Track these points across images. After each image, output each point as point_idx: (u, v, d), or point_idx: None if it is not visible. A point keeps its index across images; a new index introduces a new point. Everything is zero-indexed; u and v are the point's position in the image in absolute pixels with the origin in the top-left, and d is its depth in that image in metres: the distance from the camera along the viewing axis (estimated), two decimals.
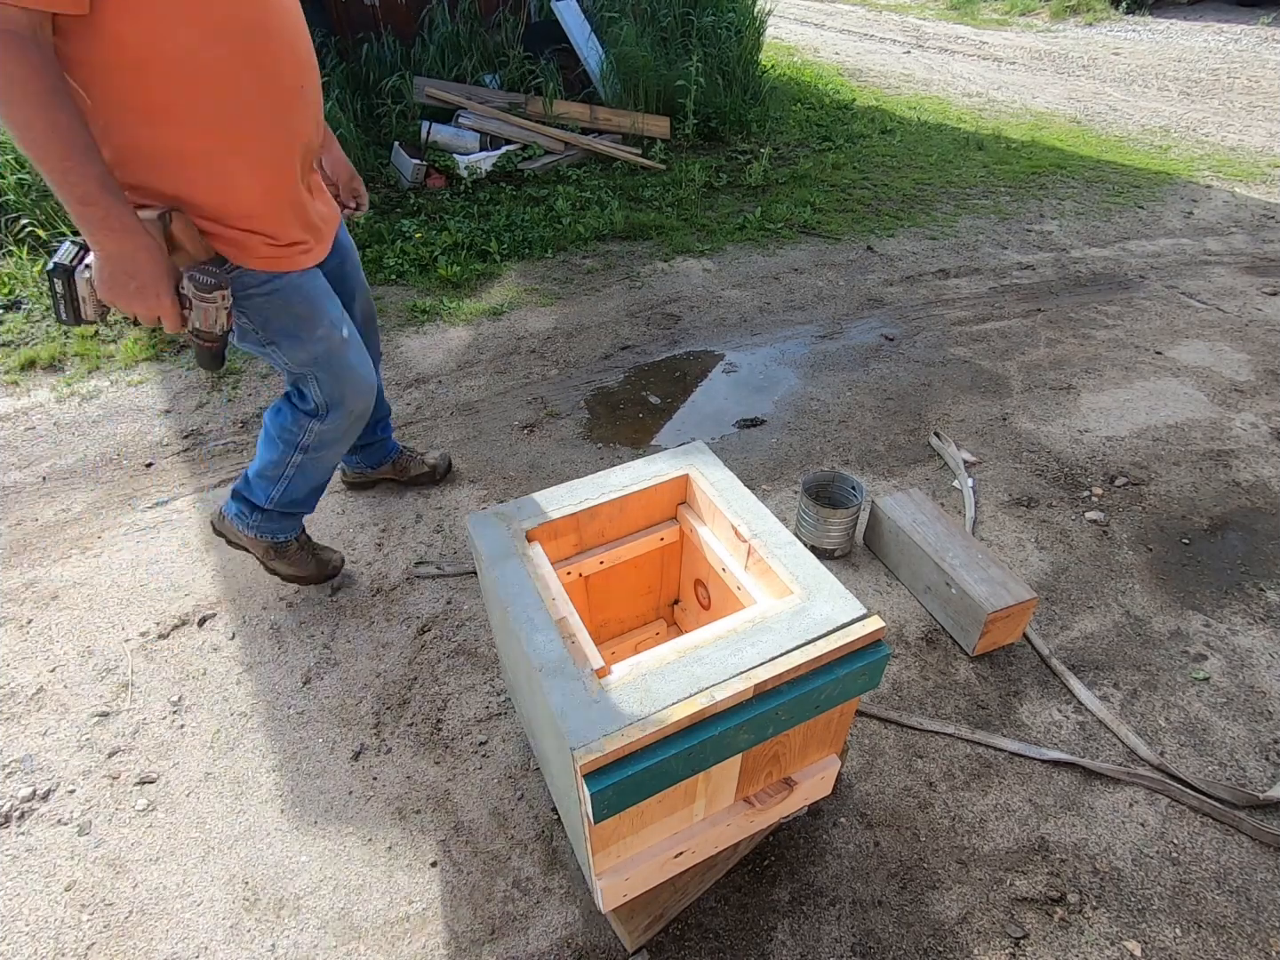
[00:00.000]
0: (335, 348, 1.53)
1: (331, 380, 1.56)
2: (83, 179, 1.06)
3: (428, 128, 4.34)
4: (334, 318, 1.52)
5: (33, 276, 3.22)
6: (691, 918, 1.36)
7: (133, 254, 1.13)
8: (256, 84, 1.22)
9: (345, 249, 1.68)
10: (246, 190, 1.27)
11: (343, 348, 1.55)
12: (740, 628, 1.07)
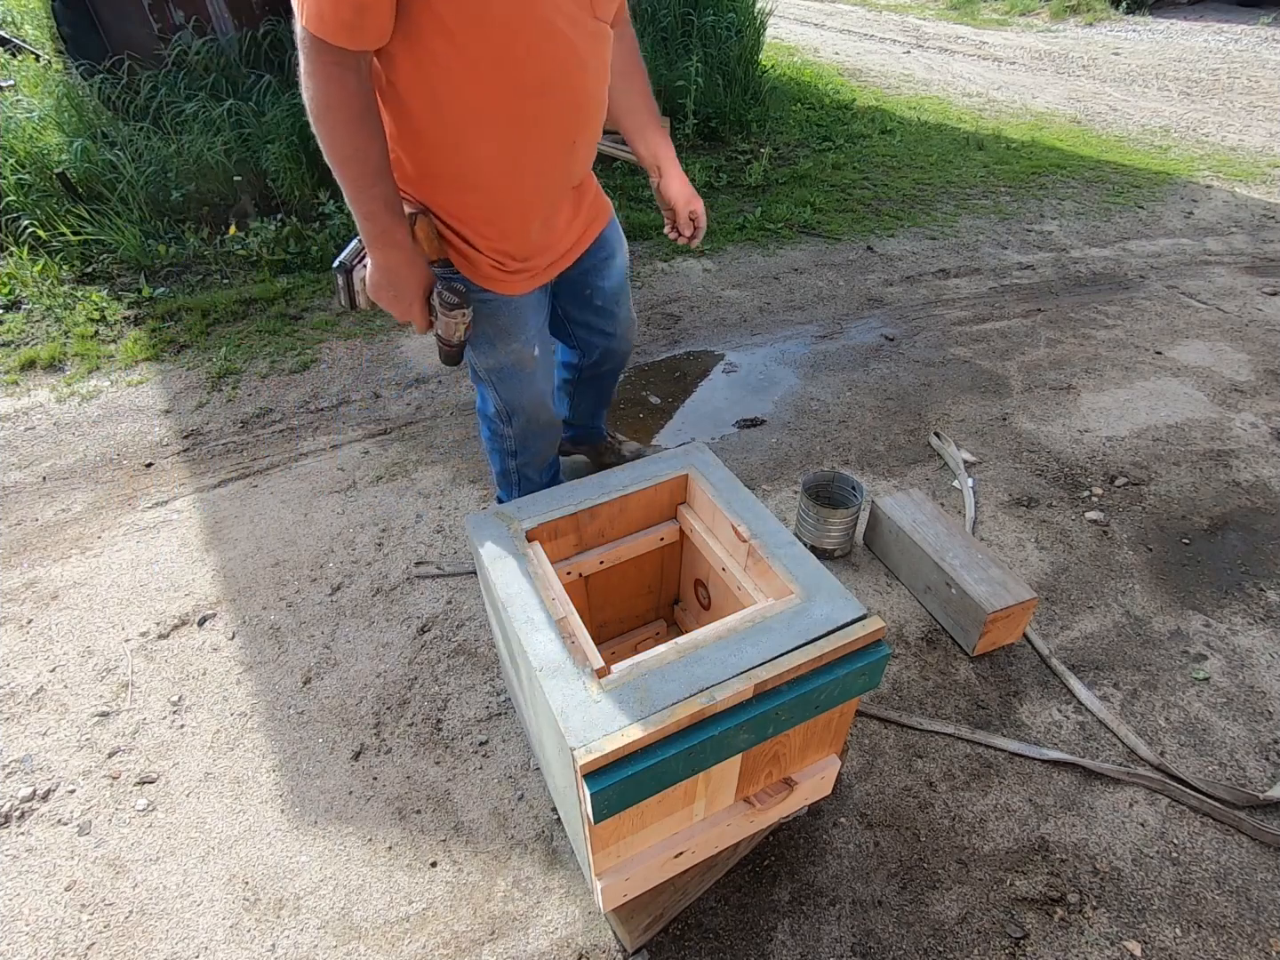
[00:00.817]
0: (523, 363, 1.57)
1: (509, 391, 1.63)
2: (371, 199, 1.18)
3: None
4: (530, 336, 1.54)
5: (33, 277, 3.23)
6: (691, 918, 1.36)
7: (397, 268, 1.27)
8: (537, 138, 1.27)
9: (614, 245, 1.67)
10: (499, 223, 1.35)
11: (530, 364, 1.58)
12: (740, 628, 1.07)
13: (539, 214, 1.39)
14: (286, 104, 3.96)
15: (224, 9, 4.40)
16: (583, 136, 1.35)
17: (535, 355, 1.57)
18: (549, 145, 1.29)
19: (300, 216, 3.69)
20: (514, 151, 1.26)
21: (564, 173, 1.38)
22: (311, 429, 2.58)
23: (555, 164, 1.33)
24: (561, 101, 1.25)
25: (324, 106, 1.09)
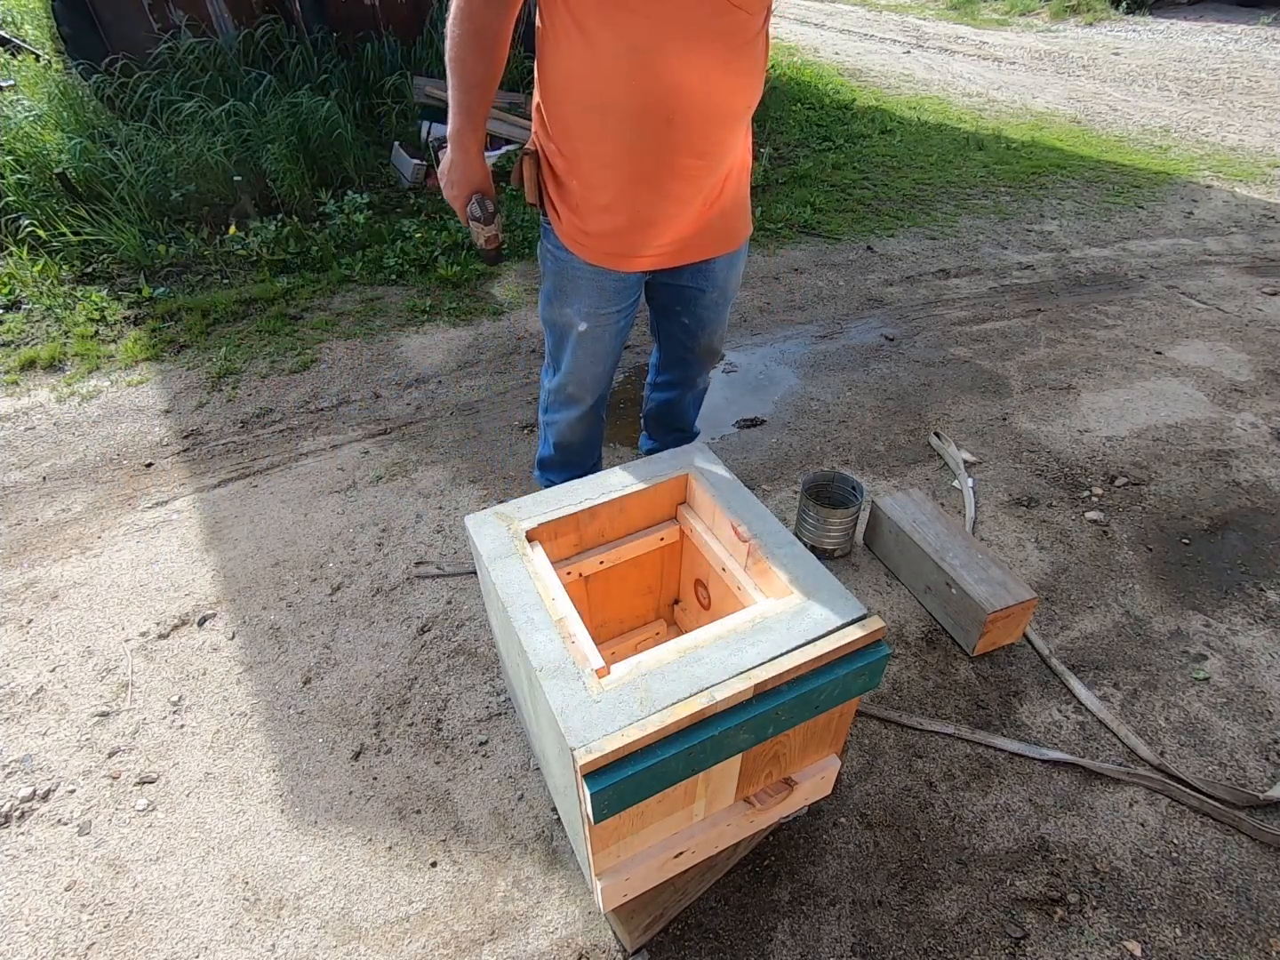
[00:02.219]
0: (568, 327, 1.62)
1: (553, 346, 1.71)
2: (456, 102, 1.34)
3: (428, 128, 4.33)
4: (580, 307, 1.58)
5: (33, 277, 3.23)
6: (691, 918, 1.36)
7: (456, 165, 1.42)
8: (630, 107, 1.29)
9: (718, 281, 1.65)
10: (593, 192, 1.41)
11: (573, 332, 1.63)
12: (740, 628, 1.07)
13: (624, 211, 1.41)
14: (286, 104, 3.96)
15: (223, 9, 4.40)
16: (681, 156, 1.34)
17: (582, 329, 1.60)
18: (643, 122, 1.30)
19: (300, 216, 3.69)
20: (607, 149, 1.33)
21: (662, 153, 1.35)
22: (311, 429, 2.58)
23: (649, 140, 1.33)
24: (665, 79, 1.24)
25: (453, 13, 1.26)
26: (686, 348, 1.83)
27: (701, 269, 1.60)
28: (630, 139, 1.31)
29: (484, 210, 1.45)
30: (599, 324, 1.60)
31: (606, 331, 1.63)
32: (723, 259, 1.60)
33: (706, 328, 1.75)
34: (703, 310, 1.70)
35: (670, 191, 1.40)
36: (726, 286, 1.68)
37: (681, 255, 1.53)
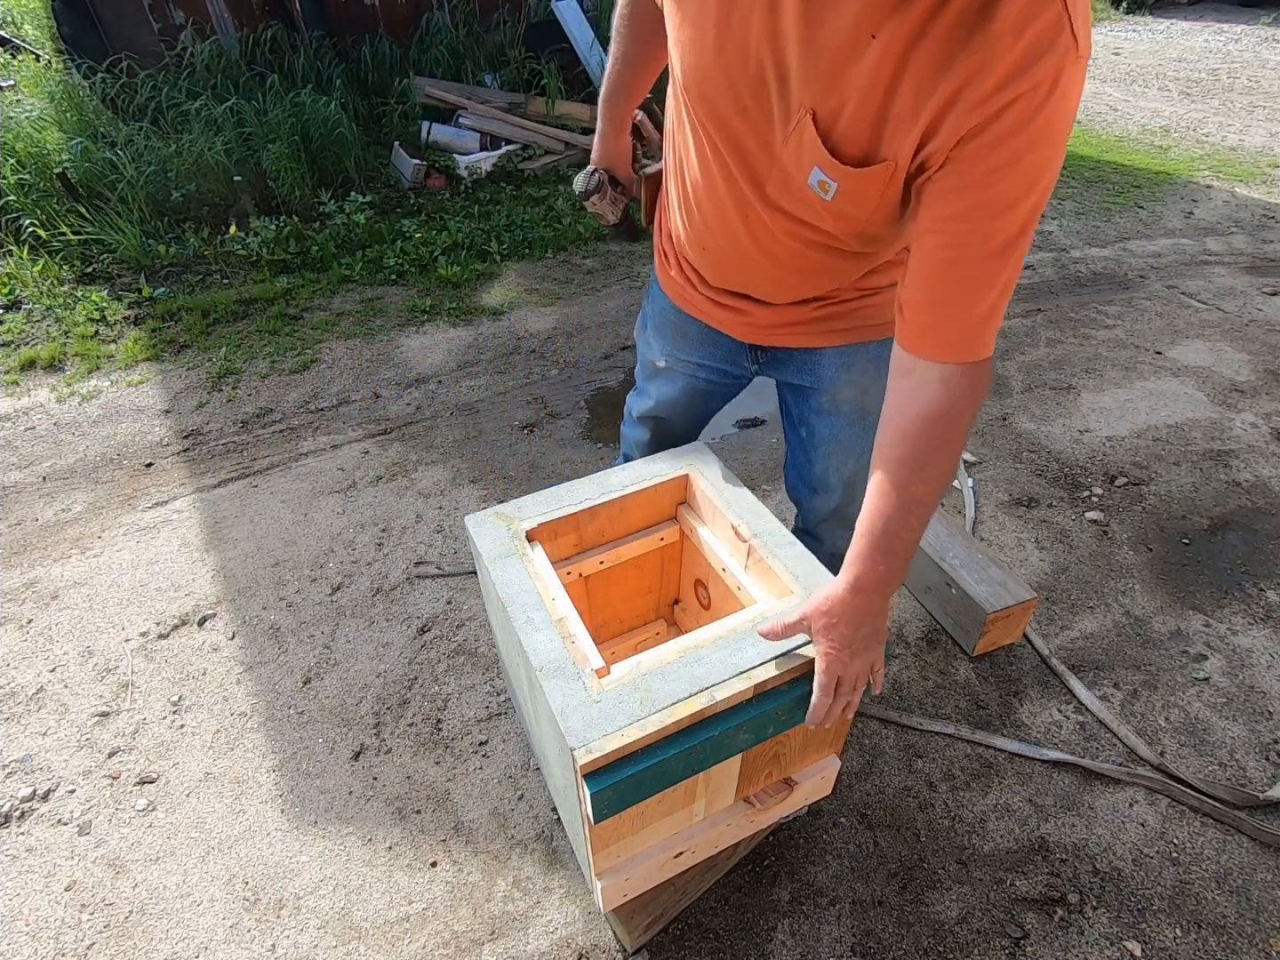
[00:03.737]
0: (647, 358, 1.44)
1: (640, 369, 1.51)
2: (602, 94, 1.28)
3: (428, 128, 4.34)
4: (661, 346, 1.38)
5: (33, 277, 3.23)
6: (691, 918, 1.36)
7: (595, 145, 1.35)
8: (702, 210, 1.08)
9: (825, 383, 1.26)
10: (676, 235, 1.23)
11: (650, 367, 1.44)
12: (740, 628, 1.07)
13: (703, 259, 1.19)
14: (288, 104, 3.96)
15: (224, 9, 4.40)
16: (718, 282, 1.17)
17: (659, 365, 1.40)
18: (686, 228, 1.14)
19: (300, 216, 3.69)
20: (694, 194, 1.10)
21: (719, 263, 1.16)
22: (311, 429, 2.58)
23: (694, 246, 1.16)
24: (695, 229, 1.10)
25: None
26: (801, 477, 1.43)
27: (808, 360, 1.25)
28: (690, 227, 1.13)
29: (584, 184, 1.38)
30: (677, 367, 1.38)
31: (679, 382, 1.40)
32: (831, 352, 1.22)
33: (819, 447, 1.34)
34: (813, 418, 1.32)
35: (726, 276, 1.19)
36: (837, 392, 1.26)
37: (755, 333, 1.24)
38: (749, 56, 0.81)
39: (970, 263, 0.83)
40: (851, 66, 0.76)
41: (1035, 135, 0.74)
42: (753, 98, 0.85)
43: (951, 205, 0.80)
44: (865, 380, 1.25)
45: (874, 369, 1.23)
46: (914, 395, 0.89)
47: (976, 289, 0.84)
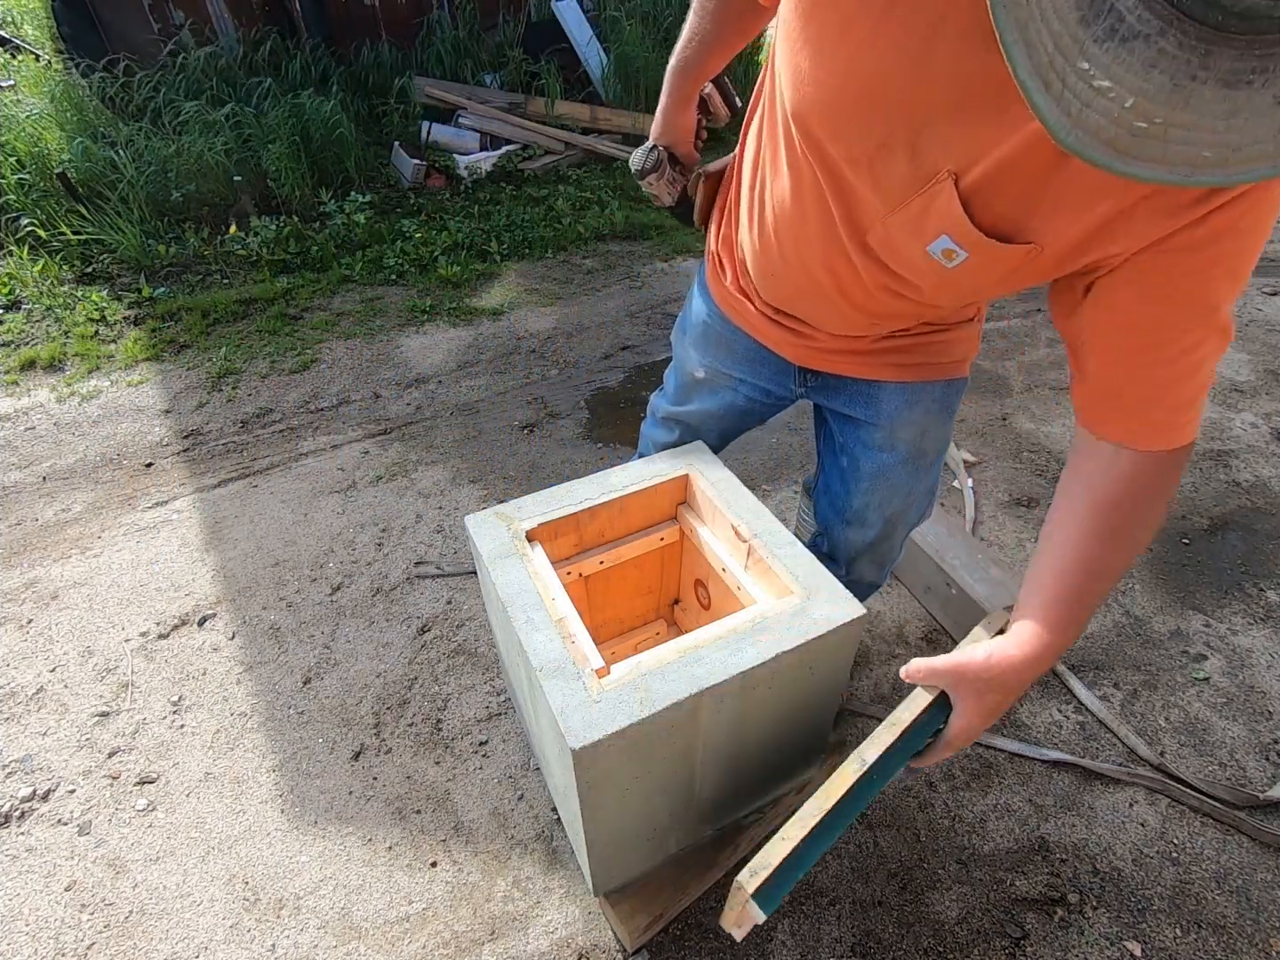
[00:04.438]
0: (682, 366, 1.37)
1: (673, 373, 1.43)
2: (670, 68, 1.20)
3: (428, 128, 4.34)
4: (700, 356, 1.30)
5: (33, 277, 3.22)
6: (691, 918, 1.36)
7: (658, 116, 1.26)
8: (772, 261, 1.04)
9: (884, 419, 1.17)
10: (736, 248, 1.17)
11: (686, 376, 1.36)
12: (740, 628, 1.07)
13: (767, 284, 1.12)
14: (288, 105, 3.96)
15: (224, 10, 4.40)
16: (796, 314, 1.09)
17: (698, 376, 1.32)
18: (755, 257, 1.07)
19: (301, 216, 3.69)
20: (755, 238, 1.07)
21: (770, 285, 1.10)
22: (311, 429, 2.58)
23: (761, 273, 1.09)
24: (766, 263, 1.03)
25: None
26: (835, 506, 1.33)
27: (865, 392, 1.17)
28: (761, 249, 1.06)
29: (641, 162, 1.28)
30: (717, 380, 1.30)
31: (719, 396, 1.32)
32: (892, 387, 1.14)
33: (863, 481, 1.25)
34: (859, 450, 1.23)
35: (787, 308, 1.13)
36: (895, 430, 1.17)
37: (811, 356, 1.17)
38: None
39: (1167, 364, 0.75)
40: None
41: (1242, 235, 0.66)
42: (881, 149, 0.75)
43: (1139, 311, 0.73)
44: (927, 421, 1.17)
45: (938, 409, 1.18)
46: (1107, 472, 0.81)
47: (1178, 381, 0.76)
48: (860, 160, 0.77)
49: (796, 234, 0.94)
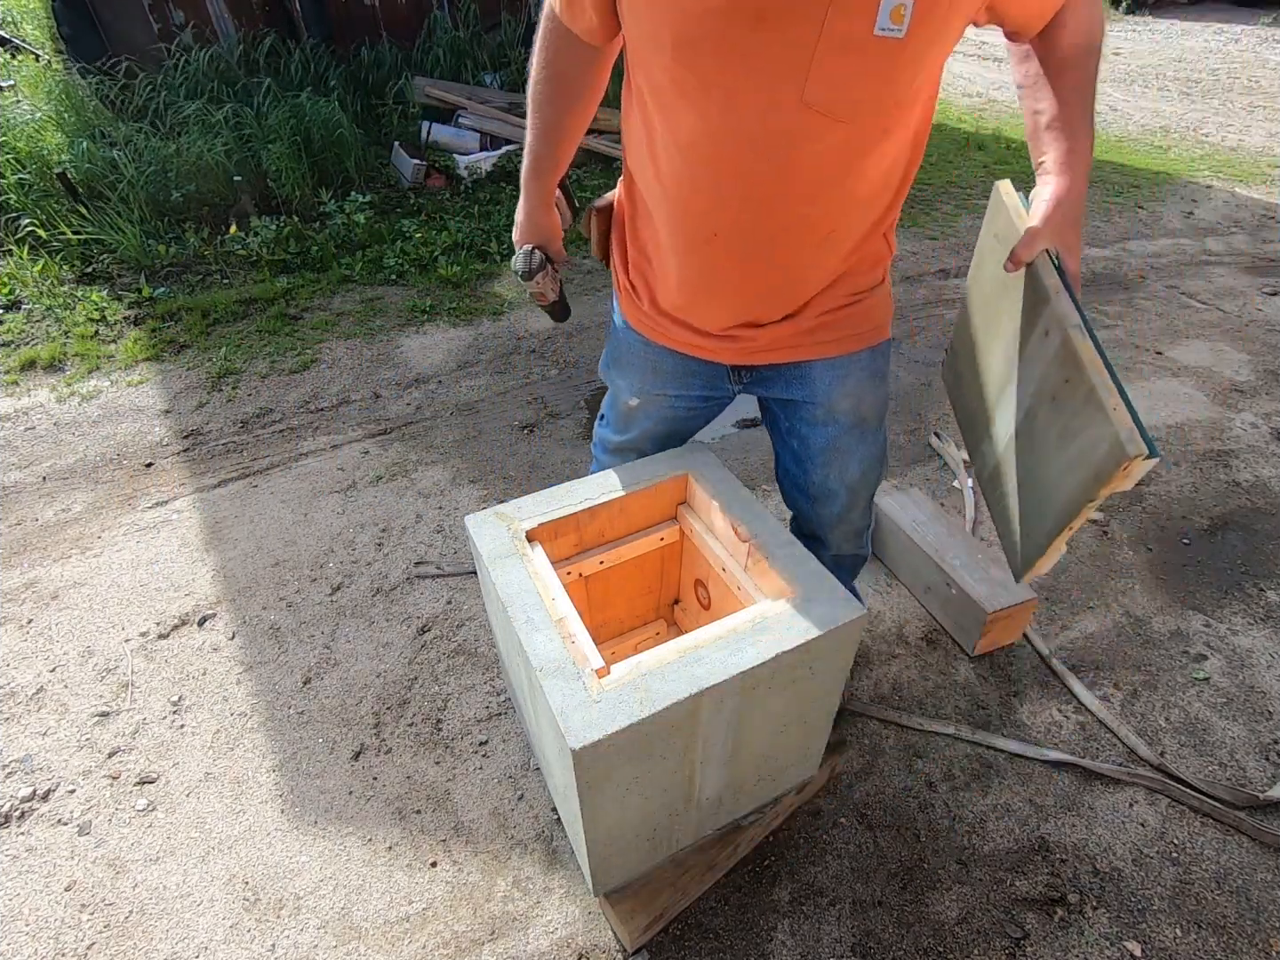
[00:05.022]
0: (616, 396, 1.42)
1: (610, 406, 1.46)
2: (526, 148, 1.23)
3: (428, 128, 4.34)
4: (630, 383, 1.35)
5: (33, 277, 3.22)
6: (691, 918, 1.36)
7: (523, 215, 1.29)
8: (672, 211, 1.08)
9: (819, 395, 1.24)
10: (649, 266, 1.22)
11: (621, 405, 1.41)
12: (740, 628, 1.07)
13: (673, 277, 1.16)
14: (288, 105, 3.96)
15: (224, 10, 4.40)
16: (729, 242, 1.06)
17: (631, 404, 1.36)
18: (685, 231, 1.09)
19: (301, 216, 3.69)
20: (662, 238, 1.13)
21: (704, 266, 1.11)
22: (311, 429, 2.58)
23: (692, 249, 1.10)
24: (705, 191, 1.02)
25: (533, 55, 1.17)
26: (798, 486, 1.41)
27: (797, 375, 1.24)
28: (673, 243, 1.11)
29: (526, 264, 1.31)
30: (651, 403, 1.35)
31: (658, 413, 1.36)
32: (821, 365, 1.21)
33: (815, 458, 1.32)
34: (805, 429, 1.30)
35: (725, 301, 1.15)
36: (833, 404, 1.25)
37: (765, 355, 1.22)
38: None
39: None
40: None
41: None
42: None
43: None
44: (861, 389, 1.25)
45: (868, 376, 1.26)
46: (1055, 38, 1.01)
47: None
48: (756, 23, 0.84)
49: (729, 169, 0.98)
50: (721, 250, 1.07)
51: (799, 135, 0.93)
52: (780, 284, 1.12)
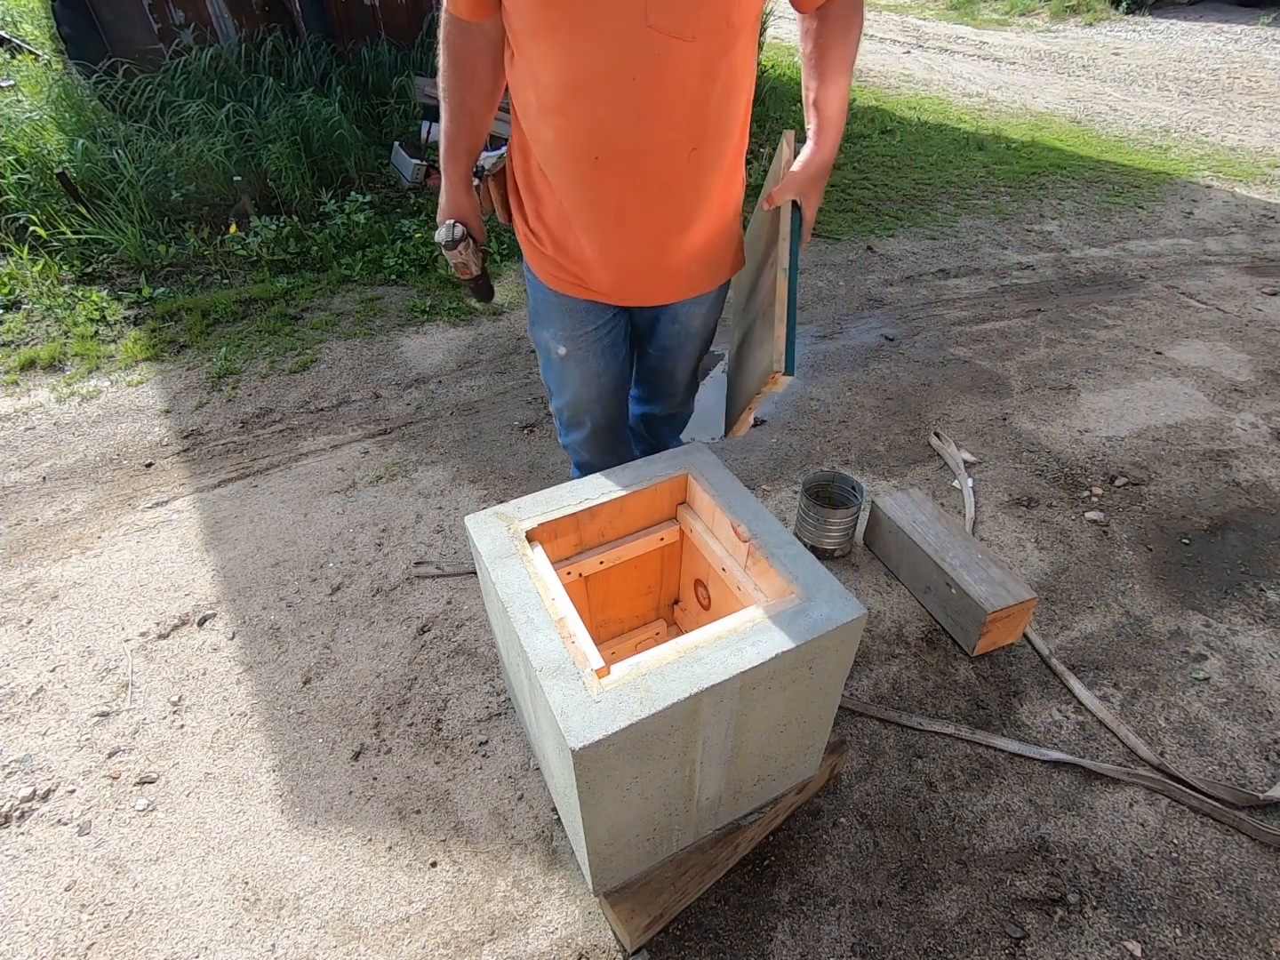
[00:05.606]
0: (549, 352, 1.57)
1: (544, 370, 1.65)
2: (444, 131, 1.35)
3: (428, 128, 4.33)
4: (555, 332, 1.51)
5: (33, 277, 3.22)
6: (691, 918, 1.36)
7: (444, 192, 1.44)
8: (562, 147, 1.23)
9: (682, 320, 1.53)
10: (542, 217, 1.37)
11: (556, 357, 1.56)
12: (740, 628, 1.07)
13: (571, 243, 1.34)
14: (288, 105, 3.96)
15: (224, 10, 4.40)
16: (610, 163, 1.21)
17: (561, 353, 1.53)
18: (572, 158, 1.23)
19: (301, 216, 3.69)
20: (550, 180, 1.28)
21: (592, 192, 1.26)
22: (311, 429, 2.58)
23: (580, 177, 1.24)
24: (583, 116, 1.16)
25: (440, 45, 1.28)
26: (654, 370, 1.72)
27: (670, 310, 1.52)
28: (563, 176, 1.26)
29: (449, 234, 1.43)
30: (579, 346, 1.52)
31: (590, 353, 1.54)
32: (689, 302, 1.49)
33: (670, 357, 1.65)
34: (667, 340, 1.60)
35: (611, 234, 1.32)
36: (691, 325, 1.56)
37: (639, 297, 1.45)
38: None
39: None
40: None
41: None
42: None
43: None
44: (709, 314, 1.57)
45: (713, 305, 1.57)
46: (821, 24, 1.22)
47: None
48: None
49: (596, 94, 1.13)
50: (605, 173, 1.22)
51: (651, 56, 1.09)
52: (662, 204, 1.28)
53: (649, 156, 1.20)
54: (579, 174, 1.24)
